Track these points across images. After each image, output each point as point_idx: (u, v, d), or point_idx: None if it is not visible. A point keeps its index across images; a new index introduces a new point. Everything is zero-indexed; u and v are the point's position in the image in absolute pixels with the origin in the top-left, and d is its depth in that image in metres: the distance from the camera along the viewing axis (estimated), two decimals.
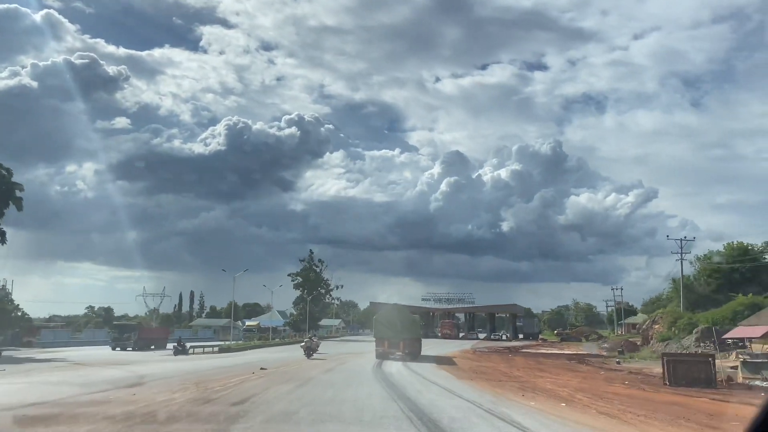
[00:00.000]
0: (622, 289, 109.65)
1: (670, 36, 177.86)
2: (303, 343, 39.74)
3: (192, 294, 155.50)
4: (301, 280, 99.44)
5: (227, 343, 55.22)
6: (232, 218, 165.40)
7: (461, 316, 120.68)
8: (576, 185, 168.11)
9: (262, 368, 24.74)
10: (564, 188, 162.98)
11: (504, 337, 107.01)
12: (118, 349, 48.95)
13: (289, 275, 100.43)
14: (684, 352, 42.45)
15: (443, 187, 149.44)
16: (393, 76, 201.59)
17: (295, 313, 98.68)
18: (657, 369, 30.45)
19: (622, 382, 22.14)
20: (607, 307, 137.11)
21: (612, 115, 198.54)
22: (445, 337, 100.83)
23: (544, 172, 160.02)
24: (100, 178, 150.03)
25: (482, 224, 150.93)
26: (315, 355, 37.24)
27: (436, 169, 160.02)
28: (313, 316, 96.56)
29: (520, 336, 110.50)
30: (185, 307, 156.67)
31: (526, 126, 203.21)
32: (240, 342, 63.86)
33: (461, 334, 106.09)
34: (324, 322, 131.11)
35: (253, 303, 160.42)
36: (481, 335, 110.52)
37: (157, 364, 30.14)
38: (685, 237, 56.39)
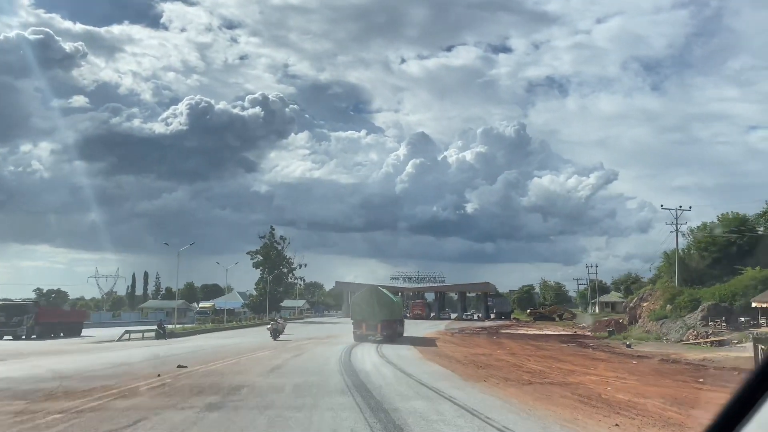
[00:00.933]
0: (596, 266, 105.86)
1: (631, 20, 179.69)
2: (269, 326, 40.17)
3: (146, 275, 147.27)
4: (261, 258, 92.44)
5: (171, 327, 48.17)
6: (194, 199, 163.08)
7: (429, 295, 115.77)
8: (539, 167, 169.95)
9: (180, 366, 17.92)
10: (527, 170, 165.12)
11: (476, 317, 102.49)
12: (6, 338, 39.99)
13: (248, 253, 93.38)
14: (695, 331, 37.70)
15: (409, 168, 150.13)
16: (358, 56, 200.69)
17: (255, 294, 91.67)
18: (689, 355, 25.45)
19: (691, 376, 16.45)
20: (578, 285, 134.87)
21: (575, 98, 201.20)
22: (415, 317, 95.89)
23: (508, 154, 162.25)
24: (56, 158, 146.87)
25: (447, 206, 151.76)
26: (281, 337, 37.74)
27: (402, 151, 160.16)
28: (274, 297, 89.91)
29: (492, 315, 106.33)
30: (140, 289, 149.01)
31: (491, 108, 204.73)
32: (191, 325, 56.83)
33: (431, 315, 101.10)
34: (287, 303, 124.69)
35: (212, 284, 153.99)
36: (453, 315, 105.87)
37: (24, 360, 22.50)
38: (680, 206, 51.69)
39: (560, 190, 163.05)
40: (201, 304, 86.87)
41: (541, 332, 58.10)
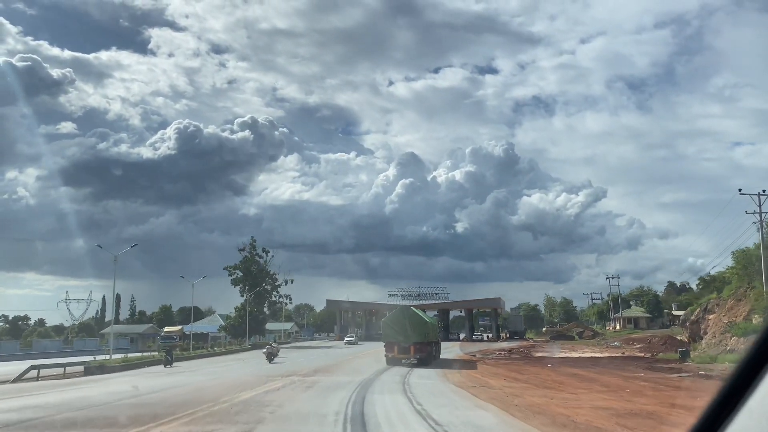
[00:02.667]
0: (618, 278, 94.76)
1: (615, 40, 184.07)
2: (265, 349, 41.97)
3: (118, 297, 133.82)
4: (240, 274, 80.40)
5: (100, 359, 36.04)
6: (182, 223, 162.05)
7: (430, 314, 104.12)
8: (528, 186, 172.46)
9: None
10: (516, 189, 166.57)
11: (485, 338, 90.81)
12: None
13: (225, 268, 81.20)
14: None
15: (398, 189, 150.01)
16: (346, 79, 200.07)
17: (233, 315, 79.41)
18: None
19: None
20: (591, 300, 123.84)
21: (561, 117, 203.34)
22: None
23: (497, 173, 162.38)
24: (43, 185, 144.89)
25: (437, 225, 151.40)
26: (275, 360, 39.40)
27: (391, 172, 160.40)
28: (256, 319, 77.75)
29: (503, 335, 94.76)
30: (111, 314, 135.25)
31: (479, 128, 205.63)
32: (141, 355, 44.75)
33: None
34: (273, 325, 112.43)
35: (190, 307, 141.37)
36: (461, 335, 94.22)
37: None
38: (763, 190, 40.86)
39: (549, 208, 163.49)
40: (166, 329, 74.44)
41: (589, 355, 46.73)
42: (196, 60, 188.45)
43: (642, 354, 48.59)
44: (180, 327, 76.55)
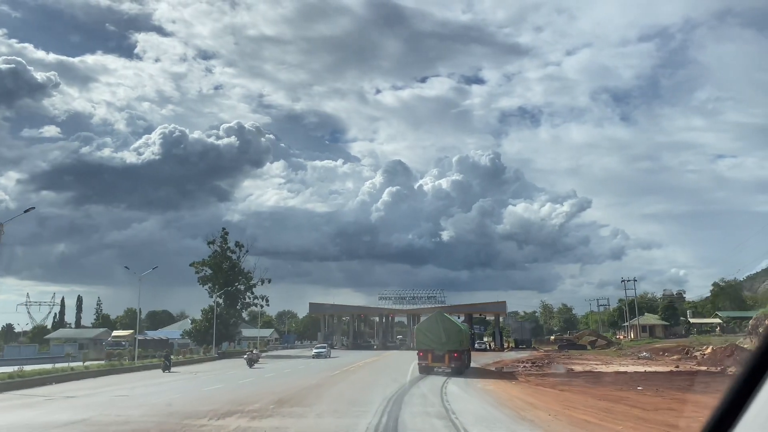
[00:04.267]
0: (635, 280, 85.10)
1: (600, 53, 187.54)
2: (246, 355, 43.73)
3: (80, 300, 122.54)
4: (209, 271, 69.59)
5: (11, 370, 25.36)
6: (166, 229, 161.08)
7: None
8: (513, 196, 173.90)
9: None
10: (502, 198, 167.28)
11: (489, 347, 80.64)
12: None
13: (192, 264, 70.32)
14: None
15: (385, 196, 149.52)
16: (334, 87, 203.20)
17: (200, 318, 68.45)
18: None
19: None
20: (598, 306, 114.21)
21: (546, 128, 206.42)
22: None
23: (483, 182, 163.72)
24: (23, 188, 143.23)
25: (423, 234, 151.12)
26: (255, 366, 39.47)
27: (378, 179, 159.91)
28: (226, 323, 66.92)
29: (506, 344, 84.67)
30: (71, 317, 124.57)
31: (465, 138, 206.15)
32: (54, 367, 33.95)
33: None
34: (251, 332, 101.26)
35: (162, 310, 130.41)
36: None
37: None
38: None
39: (534, 218, 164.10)
40: (114, 333, 63.37)
41: (641, 369, 36.71)
42: (182, 65, 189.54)
43: (709, 368, 38.60)
44: (131, 332, 65.32)
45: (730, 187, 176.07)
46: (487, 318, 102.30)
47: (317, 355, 53.79)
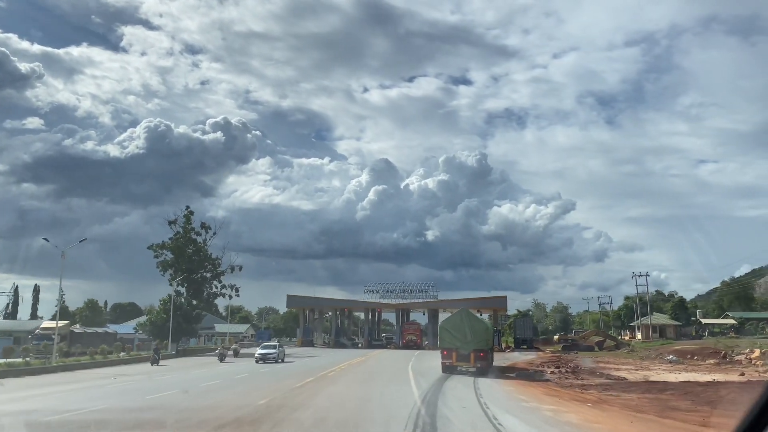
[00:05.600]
0: (647, 275, 77.17)
1: (586, 56, 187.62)
2: (218, 351, 44.79)
3: (37, 289, 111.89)
4: (169, 255, 60.44)
5: None
6: (148, 224, 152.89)
7: (416, 315, 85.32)
8: (499, 197, 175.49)
9: None
10: (487, 199, 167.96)
11: None
12: None
13: (150, 247, 61.07)
14: None
15: (371, 195, 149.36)
16: (321, 84, 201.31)
17: (158, 310, 59.28)
18: None
19: None
20: (600, 304, 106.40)
21: (532, 130, 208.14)
22: (408, 346, 65.96)
23: (469, 183, 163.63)
24: (3, 180, 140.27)
25: (408, 233, 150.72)
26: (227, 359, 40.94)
27: (364, 178, 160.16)
28: (188, 315, 57.89)
29: (505, 344, 76.58)
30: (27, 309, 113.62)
31: (452, 138, 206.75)
32: None
33: (426, 342, 70.75)
34: (224, 327, 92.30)
35: (128, 303, 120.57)
36: None
37: None
38: None
39: (519, 219, 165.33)
40: (43, 324, 53.98)
41: (689, 377, 28.44)
42: (169, 59, 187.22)
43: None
44: (66, 322, 55.85)
45: (711, 192, 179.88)
46: (482, 314, 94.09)
47: (263, 359, 38.18)
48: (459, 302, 77.51)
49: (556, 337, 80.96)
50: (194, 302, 60.91)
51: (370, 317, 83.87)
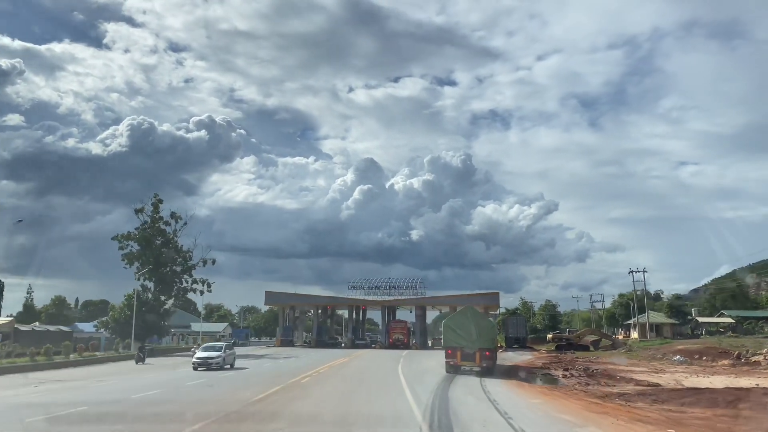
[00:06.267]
0: (645, 271, 73.54)
1: (570, 59, 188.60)
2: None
3: (1, 286, 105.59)
4: (136, 247, 55.40)
5: None
6: (130, 222, 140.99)
7: (402, 313, 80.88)
8: (483, 197, 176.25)
9: None
10: (471, 199, 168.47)
11: None
12: None
13: (114, 238, 55.99)
14: None
15: (356, 195, 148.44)
16: (306, 83, 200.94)
17: (120, 305, 54.24)
18: None
19: None
20: (591, 303, 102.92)
21: (516, 131, 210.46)
22: (395, 345, 61.66)
23: (454, 183, 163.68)
24: None
25: (393, 232, 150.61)
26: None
27: (349, 177, 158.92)
28: (155, 311, 52.99)
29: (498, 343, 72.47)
30: None
31: (437, 138, 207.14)
32: None
33: (413, 342, 66.49)
34: (200, 326, 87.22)
35: (100, 300, 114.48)
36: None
37: None
38: None
39: (503, 219, 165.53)
40: None
41: (739, 380, 24.40)
42: (152, 57, 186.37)
43: None
44: (10, 319, 50.68)
45: (691, 193, 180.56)
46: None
47: (203, 365, 29.47)
48: (448, 299, 73.60)
49: (549, 335, 77.00)
50: (162, 298, 55.89)
51: (355, 315, 79.35)
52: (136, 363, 35.72)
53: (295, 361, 37.63)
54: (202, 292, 58.80)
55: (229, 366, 31.11)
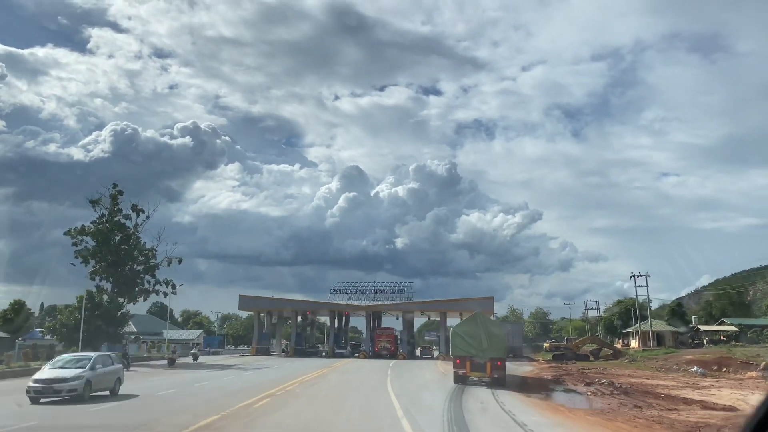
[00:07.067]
0: (648, 276, 68.75)
1: (554, 70, 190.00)
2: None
3: None
4: (91, 243, 49.36)
5: None
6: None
7: (388, 320, 75.29)
8: (467, 206, 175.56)
9: None
10: (456, 208, 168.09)
11: None
12: None
13: (67, 233, 49.91)
14: None
15: (340, 202, 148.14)
16: (292, 91, 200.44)
17: (70, 307, 48.07)
18: None
19: None
20: (586, 309, 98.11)
21: (501, 141, 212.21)
22: (380, 354, 56.13)
23: (439, 191, 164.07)
24: None
25: (377, 240, 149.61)
26: None
27: (334, 185, 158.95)
28: (109, 316, 46.92)
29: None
30: None
31: (422, 147, 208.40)
32: None
33: (400, 351, 60.92)
34: (175, 333, 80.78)
35: (64, 305, 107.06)
36: (435, 352, 66.21)
37: None
38: None
39: (487, 228, 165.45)
40: None
41: None
42: (137, 63, 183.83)
43: None
44: None
45: (673, 204, 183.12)
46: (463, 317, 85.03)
47: (46, 392, 17.72)
48: (439, 304, 68.16)
49: (546, 344, 72.00)
50: (121, 300, 49.78)
51: (337, 322, 73.54)
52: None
53: (264, 374, 31.96)
54: (166, 294, 52.70)
55: (107, 392, 19.67)
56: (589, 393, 21.93)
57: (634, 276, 69.25)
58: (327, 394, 21.19)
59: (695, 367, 44.70)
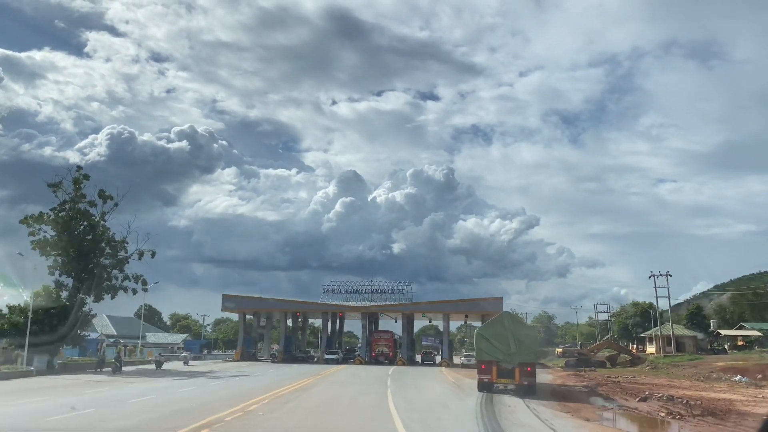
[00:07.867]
0: (669, 275, 63.07)
1: (551, 76, 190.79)
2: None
3: None
4: (51, 233, 43.58)
5: None
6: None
7: (385, 323, 69.41)
8: (465, 211, 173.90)
9: None
10: (453, 213, 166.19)
11: (475, 360, 57.07)
12: None
13: (23, 221, 44.06)
14: None
15: (337, 207, 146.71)
16: (289, 96, 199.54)
17: (23, 306, 42.19)
18: None
19: None
20: (596, 312, 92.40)
21: (498, 146, 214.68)
22: (378, 360, 50.77)
23: (436, 197, 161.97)
24: None
25: (374, 245, 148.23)
26: None
27: (331, 189, 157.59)
28: (66, 315, 41.08)
29: None
30: None
31: (419, 152, 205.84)
32: None
33: (399, 356, 55.23)
34: (158, 336, 75.09)
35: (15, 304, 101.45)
36: (437, 357, 60.63)
37: None
38: None
39: (484, 233, 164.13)
40: None
41: None
42: (134, 67, 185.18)
43: None
44: None
45: (670, 210, 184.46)
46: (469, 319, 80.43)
47: None
48: (443, 304, 62.32)
49: (558, 350, 66.42)
50: (84, 297, 43.94)
51: (330, 324, 67.65)
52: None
53: (235, 384, 26.20)
54: (135, 291, 46.74)
55: None
56: (662, 413, 16.29)
57: (653, 275, 63.62)
58: (301, 421, 14.51)
59: (738, 376, 39.13)
